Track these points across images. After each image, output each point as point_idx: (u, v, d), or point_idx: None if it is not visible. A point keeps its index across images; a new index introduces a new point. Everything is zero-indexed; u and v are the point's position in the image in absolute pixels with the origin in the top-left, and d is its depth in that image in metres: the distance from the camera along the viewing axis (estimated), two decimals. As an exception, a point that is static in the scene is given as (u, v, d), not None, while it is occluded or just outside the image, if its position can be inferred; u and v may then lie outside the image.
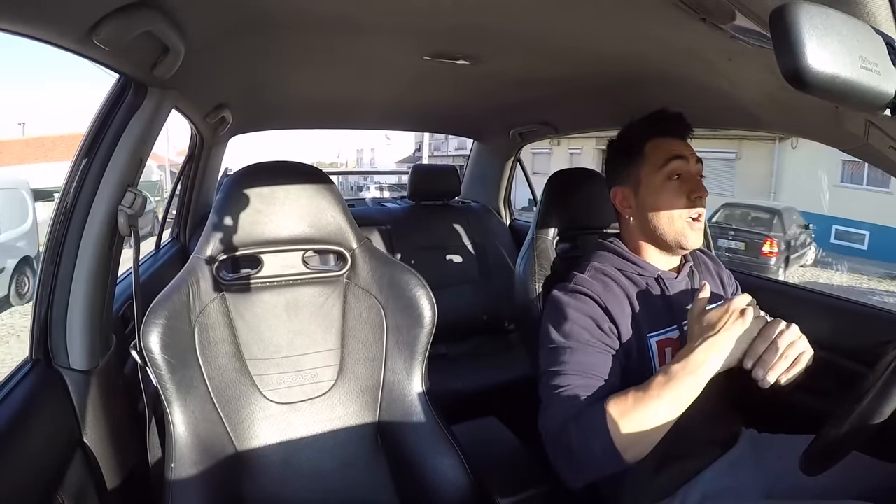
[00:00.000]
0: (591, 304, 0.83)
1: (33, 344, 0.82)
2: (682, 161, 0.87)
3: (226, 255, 0.93)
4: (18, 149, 14.49)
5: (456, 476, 0.88)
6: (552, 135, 1.97)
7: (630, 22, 0.81)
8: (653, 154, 0.89)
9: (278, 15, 0.86)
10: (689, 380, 0.69)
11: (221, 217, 0.92)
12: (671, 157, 0.87)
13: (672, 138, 0.89)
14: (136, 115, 0.83)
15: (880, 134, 0.61)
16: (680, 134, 0.90)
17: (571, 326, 0.82)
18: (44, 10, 0.54)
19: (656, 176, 0.88)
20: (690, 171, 0.88)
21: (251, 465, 0.90)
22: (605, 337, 0.81)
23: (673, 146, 0.88)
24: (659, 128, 0.90)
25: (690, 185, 0.87)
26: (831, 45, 0.35)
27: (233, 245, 0.93)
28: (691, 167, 0.88)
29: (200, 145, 1.68)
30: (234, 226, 0.92)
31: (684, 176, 0.87)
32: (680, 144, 0.89)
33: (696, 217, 0.87)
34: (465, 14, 0.85)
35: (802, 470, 0.68)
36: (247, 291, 0.96)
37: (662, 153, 0.88)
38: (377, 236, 1.99)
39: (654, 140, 0.90)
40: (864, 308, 1.15)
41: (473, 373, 1.73)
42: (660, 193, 0.88)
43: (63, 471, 0.76)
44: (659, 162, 0.88)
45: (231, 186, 0.94)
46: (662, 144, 0.89)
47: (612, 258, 0.91)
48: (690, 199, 0.86)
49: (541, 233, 1.11)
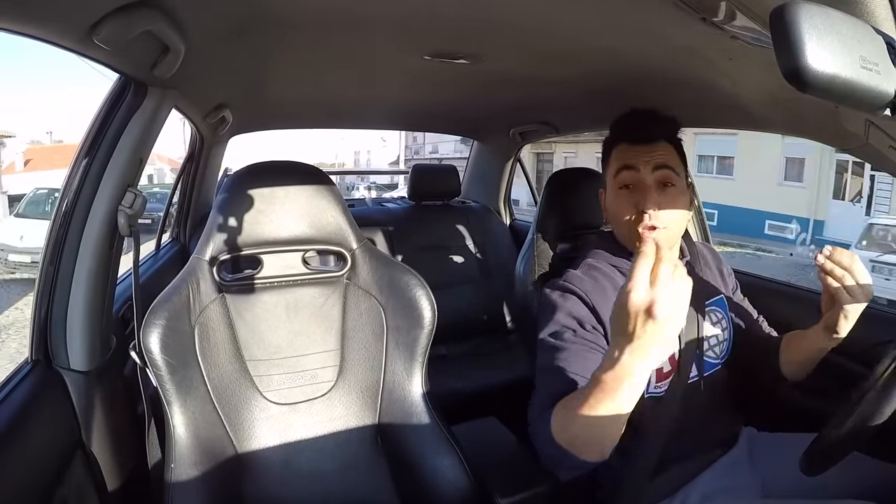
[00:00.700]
0: (576, 301, 0.83)
1: (33, 344, 0.81)
2: (631, 172, 0.84)
3: (226, 256, 0.92)
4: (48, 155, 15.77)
5: (456, 476, 0.88)
6: (552, 135, 1.97)
7: (630, 21, 0.81)
8: (614, 160, 0.88)
9: (278, 14, 0.86)
10: (626, 385, 0.56)
11: (221, 217, 0.92)
12: (621, 166, 0.85)
13: (634, 144, 0.86)
14: (136, 115, 0.83)
15: (880, 134, 0.61)
16: (644, 139, 0.85)
17: (556, 325, 0.81)
18: (44, 9, 0.54)
19: (613, 183, 0.87)
20: (643, 182, 0.83)
21: (251, 465, 0.90)
22: (587, 335, 0.80)
23: (628, 154, 0.86)
24: (623, 133, 0.88)
25: (637, 196, 0.83)
26: (831, 44, 0.35)
27: (233, 245, 0.93)
28: (643, 176, 0.83)
29: (200, 145, 1.68)
30: (235, 226, 0.92)
31: (635, 186, 0.84)
32: (638, 151, 0.85)
33: (650, 227, 0.81)
34: (465, 13, 0.85)
35: (802, 470, 0.68)
36: (247, 292, 0.96)
37: (617, 161, 0.87)
38: (377, 236, 1.99)
39: (619, 145, 0.88)
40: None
41: (473, 373, 1.73)
42: (613, 201, 0.88)
43: (63, 472, 0.76)
44: (614, 170, 0.87)
45: (231, 186, 0.94)
46: (622, 151, 0.87)
47: (607, 255, 0.91)
48: (638, 211, 0.82)
49: (541, 233, 1.11)
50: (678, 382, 0.83)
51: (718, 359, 0.90)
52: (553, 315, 0.83)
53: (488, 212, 2.27)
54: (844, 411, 0.64)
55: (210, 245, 0.92)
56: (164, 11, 0.67)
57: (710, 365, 0.88)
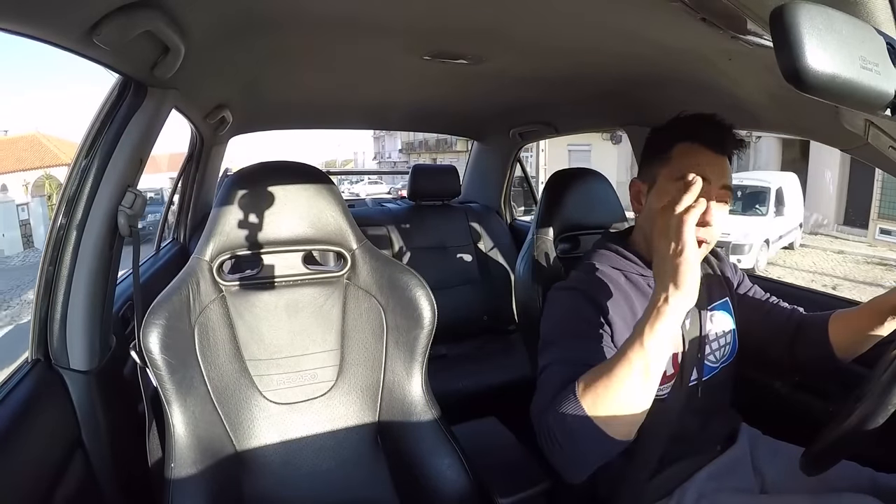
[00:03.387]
0: (584, 301, 0.82)
1: (33, 344, 0.82)
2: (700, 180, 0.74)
3: (226, 256, 0.92)
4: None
5: (456, 476, 0.88)
6: (552, 135, 1.97)
7: (630, 21, 0.81)
8: (677, 159, 0.81)
9: (278, 15, 0.86)
10: (659, 337, 0.62)
11: (221, 217, 0.92)
12: (690, 168, 0.76)
13: (707, 149, 0.80)
14: (136, 115, 0.84)
15: (880, 134, 0.61)
16: (719, 148, 0.80)
17: (565, 324, 0.81)
18: (44, 10, 0.54)
19: (670, 184, 0.80)
20: (707, 194, 0.76)
21: (251, 465, 0.90)
22: (598, 335, 0.79)
23: (702, 159, 0.79)
24: (696, 133, 0.81)
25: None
26: (831, 45, 0.35)
27: (233, 245, 0.93)
28: (711, 189, 0.78)
29: (200, 145, 1.68)
30: (235, 226, 0.92)
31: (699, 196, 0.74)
32: (712, 159, 0.80)
33: (701, 241, 0.76)
34: (465, 14, 0.85)
35: (802, 469, 0.68)
36: (247, 292, 0.96)
37: (686, 163, 0.79)
38: (377, 236, 1.99)
39: (686, 144, 0.81)
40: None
41: (473, 373, 1.73)
42: (664, 200, 0.78)
43: (63, 471, 0.76)
44: (678, 171, 0.79)
45: (231, 187, 0.94)
46: (692, 153, 0.80)
47: (612, 258, 0.89)
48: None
49: (541, 233, 1.11)
50: (680, 384, 0.83)
51: (719, 362, 0.90)
52: (560, 313, 0.82)
53: (488, 212, 2.27)
54: (844, 411, 0.64)
55: (210, 245, 0.92)
56: (164, 11, 0.68)
57: (710, 368, 0.88)
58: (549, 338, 0.81)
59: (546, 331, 0.83)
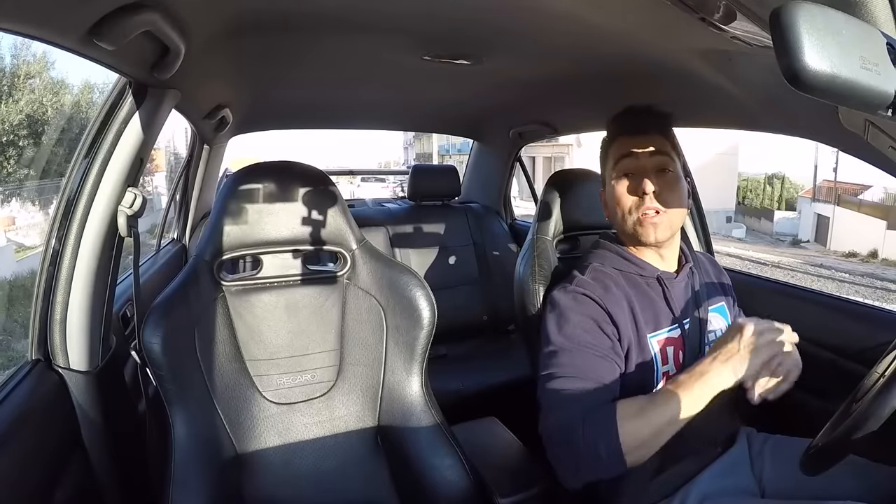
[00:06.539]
0: (591, 305, 0.83)
1: (33, 344, 0.81)
2: (629, 159, 0.86)
3: (226, 256, 0.93)
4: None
5: (456, 476, 0.88)
6: (552, 135, 1.97)
7: (630, 22, 0.81)
8: (612, 153, 0.89)
9: (278, 15, 0.86)
10: (697, 388, 0.71)
11: (221, 218, 0.92)
12: (621, 155, 0.87)
13: (632, 136, 0.87)
14: (136, 115, 0.83)
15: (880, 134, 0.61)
16: (642, 129, 0.87)
17: (572, 329, 0.81)
18: (44, 10, 0.54)
19: (613, 174, 0.88)
20: (642, 167, 0.85)
21: (251, 465, 0.90)
22: (605, 339, 0.80)
23: (628, 143, 0.87)
24: (621, 126, 0.90)
25: (637, 182, 0.84)
26: (831, 45, 0.34)
27: (233, 246, 0.93)
28: (642, 162, 0.85)
29: (200, 145, 1.68)
30: (234, 226, 0.92)
31: (634, 173, 0.85)
32: (636, 142, 0.86)
33: (650, 213, 0.83)
34: (465, 15, 0.85)
35: (802, 470, 0.68)
36: (247, 292, 0.96)
37: (616, 152, 0.88)
38: (377, 237, 1.99)
39: (617, 139, 0.89)
40: (864, 308, 1.15)
41: (473, 373, 1.73)
42: (612, 193, 0.88)
43: (63, 472, 0.76)
44: (613, 162, 0.88)
45: (231, 187, 0.94)
46: (620, 144, 0.88)
47: (611, 258, 0.90)
48: (639, 197, 0.84)
49: (541, 233, 1.11)
50: None
51: None
52: (568, 318, 0.82)
53: (488, 212, 2.27)
54: (844, 411, 0.64)
55: (210, 245, 0.92)
56: (164, 12, 0.67)
57: None
58: (558, 345, 0.81)
59: (552, 336, 0.82)
